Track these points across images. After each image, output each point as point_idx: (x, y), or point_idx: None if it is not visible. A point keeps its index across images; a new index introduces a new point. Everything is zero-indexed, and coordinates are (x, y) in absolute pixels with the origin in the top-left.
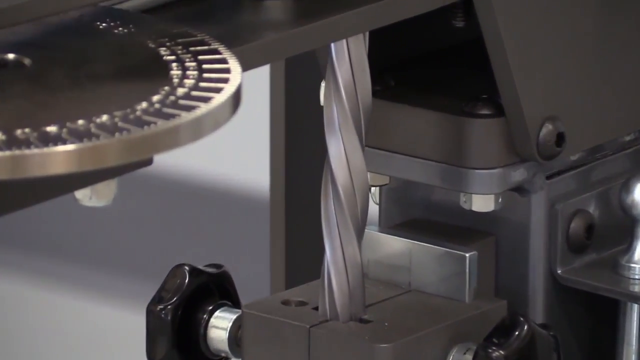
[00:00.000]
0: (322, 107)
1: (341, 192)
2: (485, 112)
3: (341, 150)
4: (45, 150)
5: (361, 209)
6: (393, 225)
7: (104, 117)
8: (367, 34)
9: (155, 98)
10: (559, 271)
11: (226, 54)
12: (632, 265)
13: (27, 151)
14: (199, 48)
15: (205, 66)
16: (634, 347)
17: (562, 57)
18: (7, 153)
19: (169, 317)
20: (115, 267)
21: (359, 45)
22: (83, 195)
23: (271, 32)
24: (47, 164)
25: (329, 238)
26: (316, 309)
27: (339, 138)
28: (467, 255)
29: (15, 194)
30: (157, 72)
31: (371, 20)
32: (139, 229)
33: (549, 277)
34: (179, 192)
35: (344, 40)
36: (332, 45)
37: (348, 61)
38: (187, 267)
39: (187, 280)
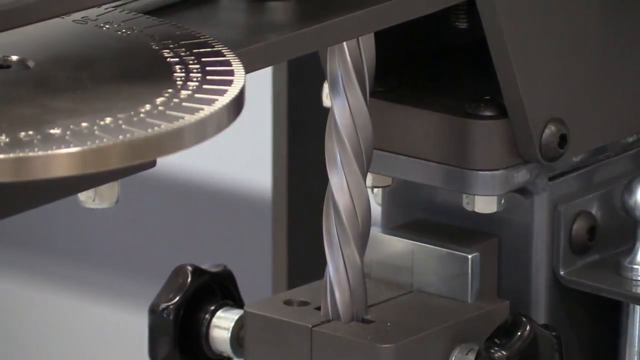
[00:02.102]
0: (324, 108)
1: (344, 217)
2: (488, 113)
3: (343, 183)
4: (49, 152)
5: (362, 226)
6: (395, 226)
7: (108, 120)
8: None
9: (159, 100)
10: (561, 272)
11: (229, 56)
12: (635, 266)
13: (30, 153)
14: (202, 50)
15: (208, 68)
16: (636, 348)
17: (565, 58)
18: (11, 155)
19: (171, 317)
20: (117, 267)
21: (357, 95)
22: (86, 197)
23: (274, 34)
24: (51, 167)
25: (329, 242)
26: (318, 309)
27: (342, 174)
28: (469, 256)
29: (19, 195)
30: (161, 75)
31: (375, 22)
32: (142, 229)
33: (551, 279)
34: (181, 193)
35: (341, 86)
36: (331, 91)
37: (348, 111)
38: (189, 267)
39: (189, 280)
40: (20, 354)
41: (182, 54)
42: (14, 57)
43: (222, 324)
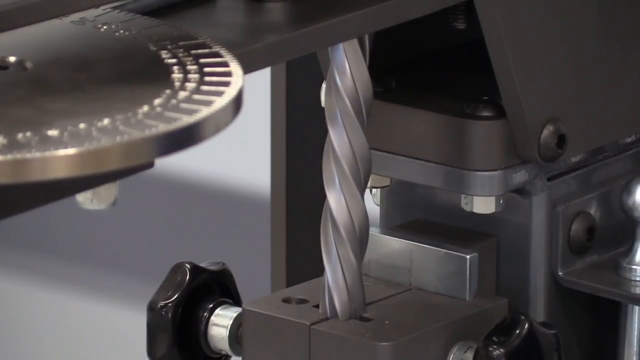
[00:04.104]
0: (322, 108)
1: (343, 232)
2: (486, 114)
3: (342, 202)
4: (47, 154)
5: (360, 233)
6: (394, 226)
7: (106, 121)
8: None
9: (157, 101)
10: (560, 273)
11: (227, 57)
12: (633, 267)
13: (28, 155)
14: (200, 51)
15: (206, 69)
16: (634, 348)
17: (563, 58)
18: (9, 157)
19: (170, 315)
20: (116, 267)
21: (355, 130)
22: (84, 198)
23: (273, 34)
24: (48, 168)
25: (326, 246)
26: (317, 306)
27: (340, 193)
28: (467, 256)
29: (17, 197)
30: (159, 76)
31: (373, 22)
32: (141, 228)
33: (550, 279)
34: (179, 191)
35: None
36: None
37: (348, 141)
38: (188, 265)
39: (187, 278)
40: (19, 353)
41: (180, 55)
42: (12, 58)
43: (221, 321)
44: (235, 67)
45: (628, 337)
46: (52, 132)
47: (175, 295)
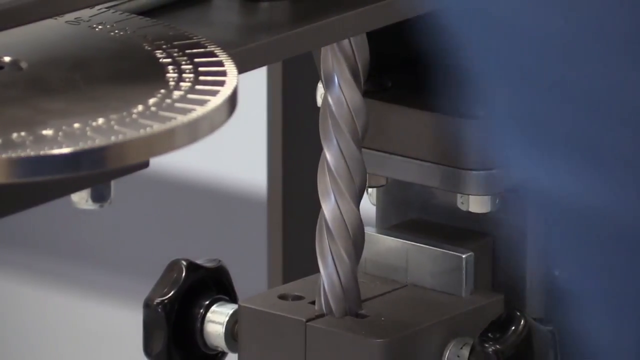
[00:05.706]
0: (318, 107)
1: (338, 240)
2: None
3: (337, 213)
4: (41, 153)
5: (355, 237)
6: (390, 226)
7: (100, 121)
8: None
9: (152, 101)
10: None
11: (222, 56)
12: None
13: (22, 154)
14: (195, 51)
15: (201, 69)
16: None
17: None
18: (3, 156)
19: (166, 312)
20: (114, 266)
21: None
22: (79, 198)
23: (267, 34)
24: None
25: (321, 248)
26: (313, 303)
27: (335, 206)
28: (463, 256)
29: (12, 196)
30: (154, 75)
31: (367, 22)
32: (137, 227)
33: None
34: (175, 190)
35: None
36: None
37: (342, 157)
38: (184, 262)
39: (184, 275)
40: (14, 352)
41: (175, 54)
42: (7, 59)
43: (217, 318)
44: (230, 67)
45: None
46: (47, 132)
47: (172, 292)
